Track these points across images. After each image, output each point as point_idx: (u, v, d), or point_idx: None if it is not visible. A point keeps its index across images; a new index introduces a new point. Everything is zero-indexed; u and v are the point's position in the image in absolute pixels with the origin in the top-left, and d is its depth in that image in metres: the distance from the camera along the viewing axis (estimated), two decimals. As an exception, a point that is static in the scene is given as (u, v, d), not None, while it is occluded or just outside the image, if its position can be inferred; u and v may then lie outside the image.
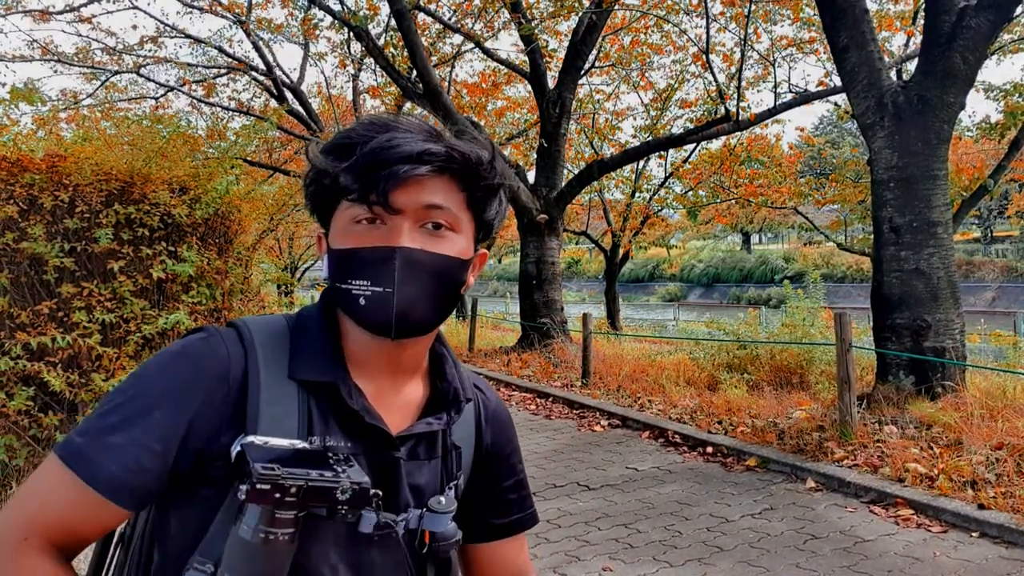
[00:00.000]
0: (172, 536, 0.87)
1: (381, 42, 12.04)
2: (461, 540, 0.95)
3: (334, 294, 0.91)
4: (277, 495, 0.77)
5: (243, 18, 14.16)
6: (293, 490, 0.78)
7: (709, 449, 6.04)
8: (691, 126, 13.23)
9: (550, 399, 8.52)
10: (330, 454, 0.84)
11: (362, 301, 0.87)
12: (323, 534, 0.87)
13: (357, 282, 0.87)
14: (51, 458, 0.83)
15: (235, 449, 0.82)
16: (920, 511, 4.47)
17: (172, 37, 15.17)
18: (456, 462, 0.99)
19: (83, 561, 0.97)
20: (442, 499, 0.94)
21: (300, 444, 0.84)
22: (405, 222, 0.88)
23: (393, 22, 10.66)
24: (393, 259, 0.86)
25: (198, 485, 0.85)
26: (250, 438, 0.82)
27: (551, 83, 11.84)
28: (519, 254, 12.52)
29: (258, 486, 0.77)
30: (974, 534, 4.14)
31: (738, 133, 13.32)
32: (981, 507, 4.30)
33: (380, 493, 0.87)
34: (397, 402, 0.96)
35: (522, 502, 1.11)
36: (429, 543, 0.92)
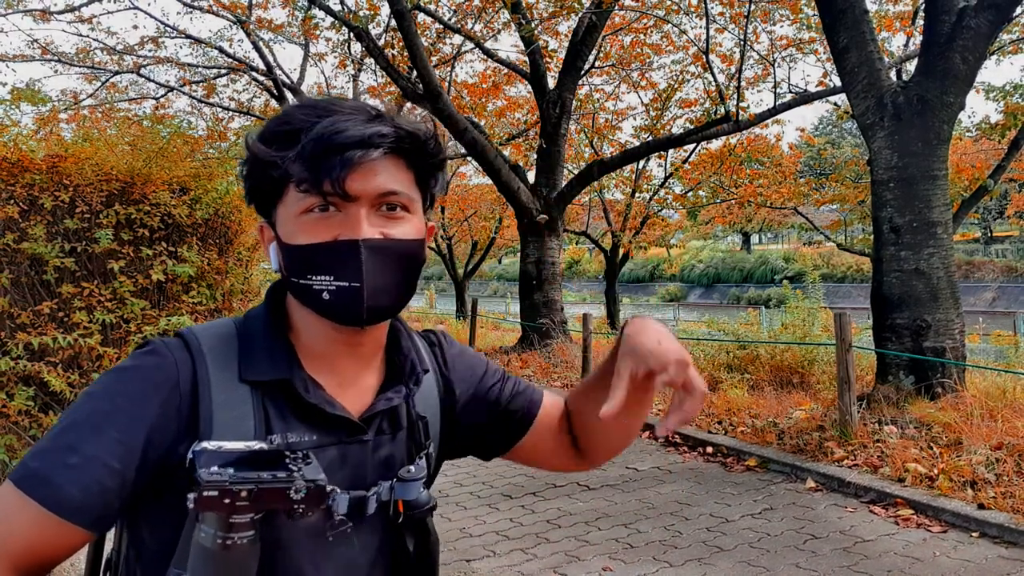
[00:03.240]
0: (148, 548, 0.87)
1: (381, 42, 12.04)
2: (436, 505, 0.95)
3: (291, 288, 0.91)
4: (227, 500, 0.76)
5: (243, 18, 14.16)
6: (243, 494, 0.76)
7: (709, 449, 6.04)
8: (691, 126, 13.23)
9: (550, 399, 8.52)
10: (288, 452, 0.82)
11: (326, 296, 0.86)
12: (296, 529, 0.86)
13: (319, 277, 0.86)
14: (7, 485, 0.80)
15: (189, 456, 0.81)
16: (920, 511, 4.47)
17: (172, 37, 15.18)
18: (424, 432, 0.99)
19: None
20: (411, 468, 0.93)
21: (257, 445, 0.82)
22: (361, 208, 0.86)
23: (393, 22, 10.66)
24: (358, 253, 0.85)
25: (166, 494, 0.84)
26: (203, 444, 0.81)
27: (551, 83, 11.84)
28: (519, 254, 12.52)
29: (205, 493, 0.75)
30: (974, 534, 4.15)
31: (738, 133, 13.31)
32: (981, 507, 4.30)
33: (336, 489, 0.87)
34: (359, 385, 0.95)
35: (521, 394, 1.12)
36: (404, 512, 0.92)
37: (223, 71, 16.37)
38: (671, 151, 15.60)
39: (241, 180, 0.93)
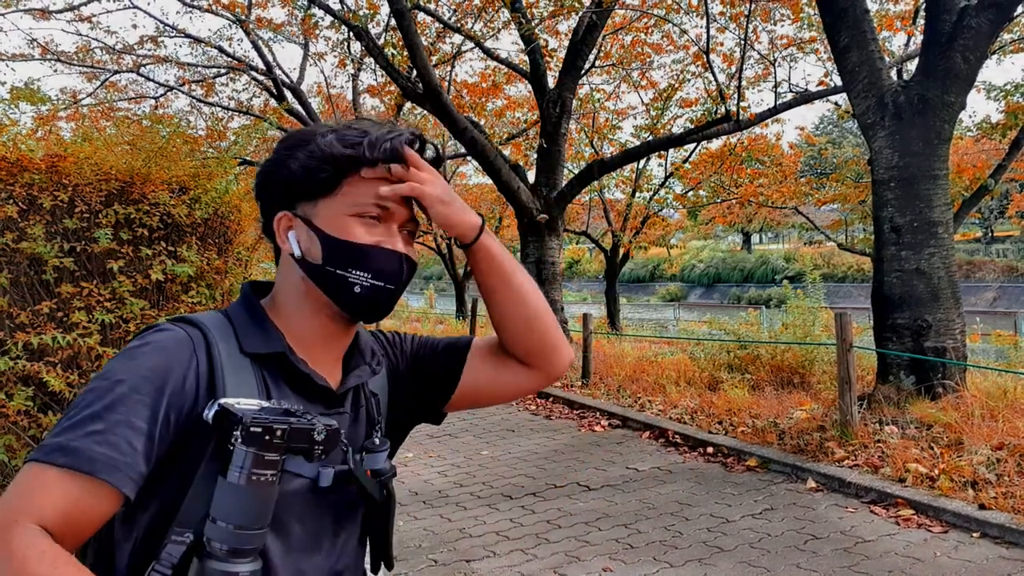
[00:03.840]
0: (144, 518, 0.90)
1: (381, 42, 12.03)
2: (396, 472, 1.07)
3: (318, 276, 1.00)
4: (267, 437, 0.85)
5: (243, 17, 14.15)
6: (279, 432, 0.86)
7: (710, 449, 6.03)
8: (691, 126, 13.22)
9: (550, 399, 8.52)
10: (292, 409, 0.92)
11: (358, 289, 0.99)
12: (288, 488, 0.93)
13: (358, 272, 0.99)
14: (28, 467, 0.82)
15: (211, 411, 0.88)
16: (921, 511, 4.46)
17: (172, 37, 15.14)
18: (376, 408, 1.10)
19: None
20: (376, 440, 1.05)
21: (266, 404, 0.92)
22: (395, 225, 1.03)
23: (393, 22, 10.65)
24: (401, 262, 1.02)
25: (180, 456, 0.89)
26: (222, 400, 0.89)
27: (551, 83, 11.83)
28: (519, 254, 12.51)
29: (251, 429, 0.85)
30: (975, 534, 4.14)
31: (738, 133, 13.30)
32: (982, 507, 4.29)
33: (344, 433, 0.98)
34: (332, 372, 1.06)
35: (450, 343, 1.22)
36: (372, 478, 1.02)
37: (222, 70, 16.35)
38: (671, 151, 15.60)
39: (274, 169, 1.03)
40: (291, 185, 1.02)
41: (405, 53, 10.38)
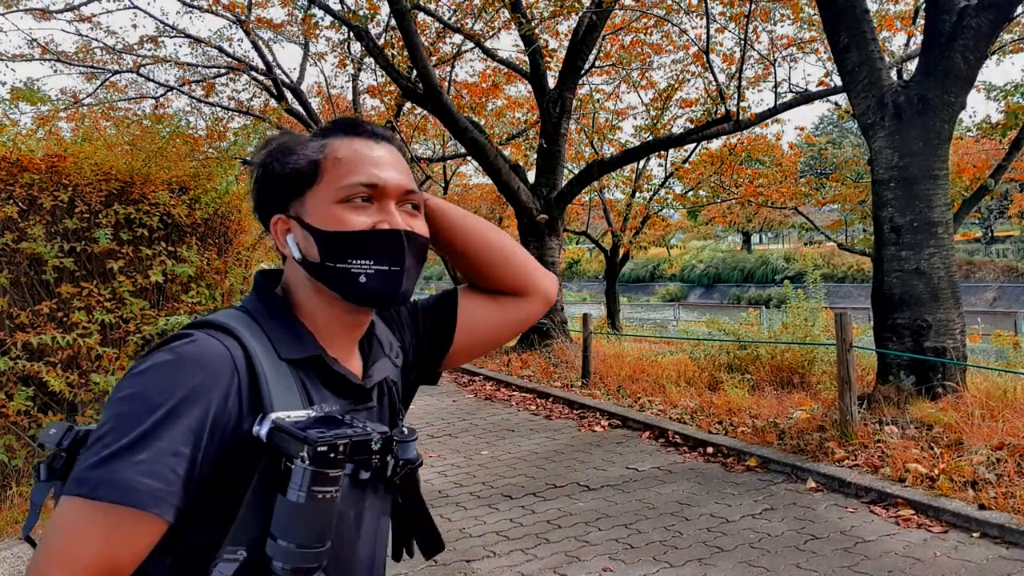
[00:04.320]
0: (191, 541, 0.86)
1: (381, 42, 12.03)
2: (423, 461, 1.07)
3: (321, 273, 0.97)
4: (331, 455, 0.83)
5: (243, 17, 14.15)
6: (341, 448, 0.84)
7: (709, 449, 6.03)
8: (691, 126, 13.22)
9: (550, 399, 8.52)
10: (341, 416, 0.91)
11: (363, 279, 0.96)
12: (345, 485, 0.93)
13: (359, 262, 0.95)
14: (68, 502, 0.79)
15: (264, 428, 0.86)
16: (921, 511, 4.46)
17: (172, 37, 15.15)
18: (397, 396, 1.11)
19: None
20: (404, 429, 1.03)
21: (313, 413, 0.90)
22: (391, 202, 0.99)
23: (393, 22, 10.66)
24: (401, 241, 0.97)
25: (227, 475, 0.86)
26: (274, 415, 0.86)
27: (551, 83, 11.83)
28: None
29: (319, 449, 0.82)
30: (975, 534, 4.14)
31: (738, 133, 13.30)
32: (982, 507, 4.29)
33: (395, 437, 0.97)
34: (351, 361, 1.05)
35: (435, 302, 1.22)
36: (402, 469, 1.01)
37: (223, 70, 16.35)
38: (671, 151, 15.59)
39: (260, 176, 1.01)
40: (277, 186, 1.00)
41: (405, 53, 10.38)
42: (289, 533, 0.82)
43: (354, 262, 0.95)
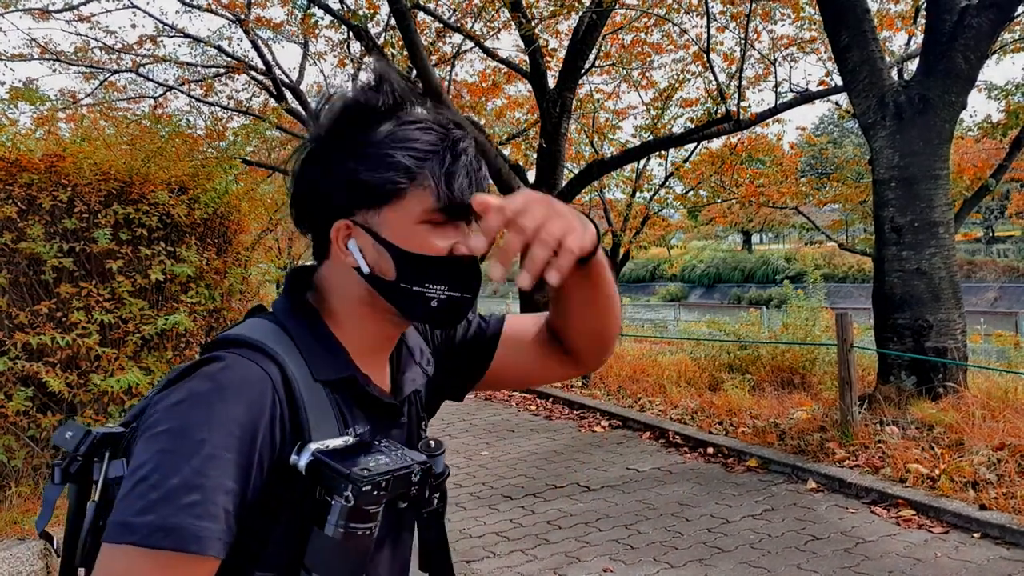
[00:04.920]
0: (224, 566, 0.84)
1: (381, 41, 12.03)
2: (450, 472, 1.03)
3: (391, 292, 0.92)
4: (374, 492, 0.81)
5: (242, 17, 14.14)
6: (383, 484, 0.82)
7: (710, 450, 6.02)
8: (692, 125, 13.21)
9: (550, 400, 8.51)
10: (377, 442, 0.89)
11: (435, 304, 0.91)
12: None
13: (435, 286, 0.91)
14: (122, 551, 0.74)
15: (304, 459, 0.83)
16: (921, 512, 4.45)
17: (171, 36, 15.14)
18: (420, 404, 1.07)
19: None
20: (431, 442, 1.00)
21: (350, 440, 0.87)
22: (463, 222, 0.94)
23: (393, 21, 10.65)
24: (478, 268, 0.94)
25: (268, 504, 0.83)
26: (314, 445, 0.83)
27: (551, 82, 11.82)
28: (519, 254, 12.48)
29: (364, 488, 0.80)
30: (975, 535, 4.13)
31: (739, 132, 13.29)
32: (983, 508, 4.29)
33: (430, 463, 0.93)
34: (381, 372, 1.01)
35: (477, 326, 1.17)
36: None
37: (222, 70, 16.34)
38: (672, 150, 15.58)
39: (318, 175, 0.93)
40: (349, 191, 0.91)
41: (405, 53, 10.37)
42: (324, 567, 0.81)
43: (429, 286, 0.91)
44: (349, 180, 0.91)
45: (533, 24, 11.46)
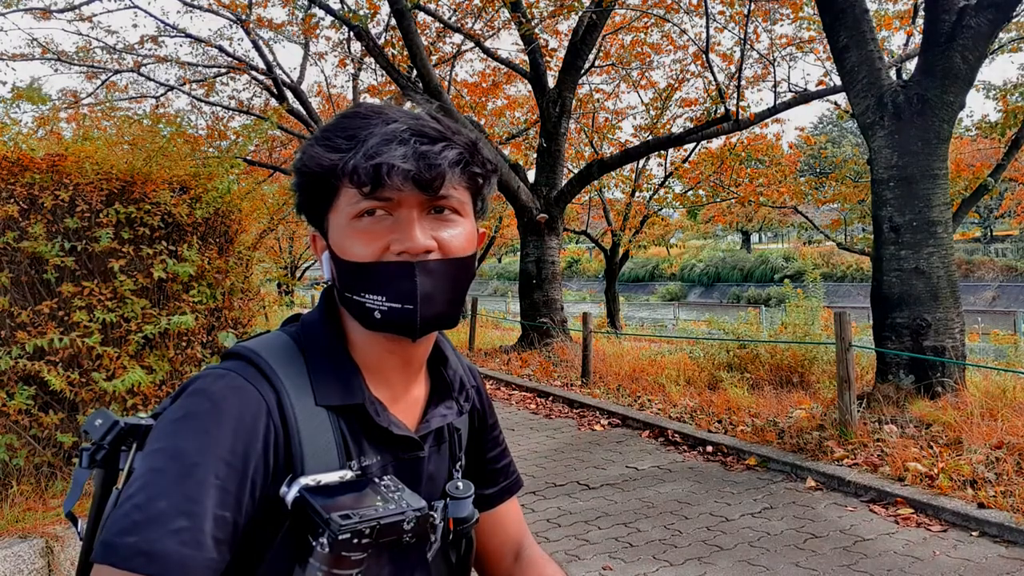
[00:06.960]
0: None
1: (381, 41, 12.04)
2: (479, 519, 0.96)
3: (343, 302, 0.87)
4: (355, 540, 0.75)
5: (243, 17, 14.16)
6: (366, 531, 0.76)
7: (709, 448, 6.04)
8: (691, 125, 13.23)
9: (550, 398, 8.53)
10: (375, 479, 0.83)
11: (377, 315, 0.83)
12: (385, 555, 0.85)
13: (372, 296, 0.82)
14: (102, 570, 0.71)
15: (291, 495, 0.78)
16: (920, 510, 4.47)
17: (172, 36, 15.16)
18: (458, 444, 0.99)
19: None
20: (459, 484, 0.94)
21: (348, 475, 0.82)
22: (412, 211, 0.82)
23: (393, 21, 10.67)
24: (413, 275, 0.81)
25: (256, 533, 0.80)
26: (303, 480, 0.79)
27: (551, 82, 11.84)
28: (519, 253, 12.52)
29: (341, 537, 0.74)
30: (974, 533, 4.15)
31: (738, 132, 13.31)
32: (981, 506, 4.30)
33: (435, 515, 0.88)
34: (408, 398, 0.94)
35: (507, 468, 1.11)
36: (454, 529, 0.93)
37: (223, 70, 16.36)
38: (671, 150, 15.60)
39: (294, 192, 0.89)
40: (300, 197, 0.88)
41: (405, 53, 10.39)
42: None
43: (367, 296, 0.82)
44: (296, 183, 0.87)
45: (533, 24, 11.48)
